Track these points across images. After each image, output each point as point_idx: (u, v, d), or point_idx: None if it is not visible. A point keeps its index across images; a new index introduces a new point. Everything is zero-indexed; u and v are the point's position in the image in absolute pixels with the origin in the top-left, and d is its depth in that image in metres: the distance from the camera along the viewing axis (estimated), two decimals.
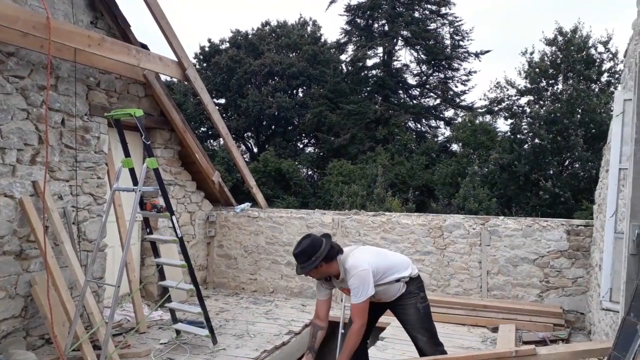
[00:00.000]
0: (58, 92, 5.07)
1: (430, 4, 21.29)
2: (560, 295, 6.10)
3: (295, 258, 3.44)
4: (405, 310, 3.55)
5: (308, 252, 3.37)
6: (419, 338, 3.52)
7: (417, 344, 3.55)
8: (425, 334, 3.51)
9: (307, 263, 3.35)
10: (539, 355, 2.99)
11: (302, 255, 3.38)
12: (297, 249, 3.43)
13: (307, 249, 3.37)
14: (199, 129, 21.53)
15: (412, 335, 3.57)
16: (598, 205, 5.61)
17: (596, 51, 15.93)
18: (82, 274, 4.69)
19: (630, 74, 4.06)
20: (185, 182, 7.29)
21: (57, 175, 5.03)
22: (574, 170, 15.44)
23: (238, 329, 5.70)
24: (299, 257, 3.40)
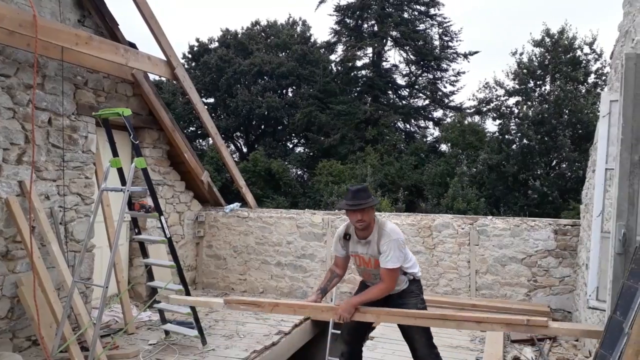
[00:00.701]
0: (45, 91, 5.01)
1: (419, 4, 21.40)
2: (548, 294, 6.16)
3: (352, 194, 3.36)
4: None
5: (367, 190, 3.40)
6: (417, 339, 3.46)
7: (413, 345, 3.50)
8: (423, 336, 3.47)
9: (370, 200, 3.33)
10: (550, 327, 3.03)
11: (362, 191, 3.36)
12: (357, 186, 3.43)
13: (366, 188, 3.41)
14: (187, 128, 21.42)
15: (409, 336, 3.51)
16: (585, 205, 5.67)
17: (582, 52, 16.12)
18: (70, 275, 4.65)
19: (616, 75, 4.11)
20: (174, 182, 7.24)
21: (44, 175, 4.98)
22: (562, 170, 15.60)
23: (227, 330, 5.68)
24: (359, 193, 3.35)
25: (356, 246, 3.52)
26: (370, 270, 3.51)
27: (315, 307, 3.50)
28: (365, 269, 3.54)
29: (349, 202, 3.35)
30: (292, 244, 7.26)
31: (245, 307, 3.58)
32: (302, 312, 3.44)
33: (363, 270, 3.58)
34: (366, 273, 3.56)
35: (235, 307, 3.56)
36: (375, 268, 3.46)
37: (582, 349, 5.07)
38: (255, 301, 3.56)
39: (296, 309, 3.56)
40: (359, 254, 3.52)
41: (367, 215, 3.36)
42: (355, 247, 3.53)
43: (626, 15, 3.94)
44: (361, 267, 3.56)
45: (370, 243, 3.44)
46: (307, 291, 7.17)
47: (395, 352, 4.91)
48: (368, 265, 3.50)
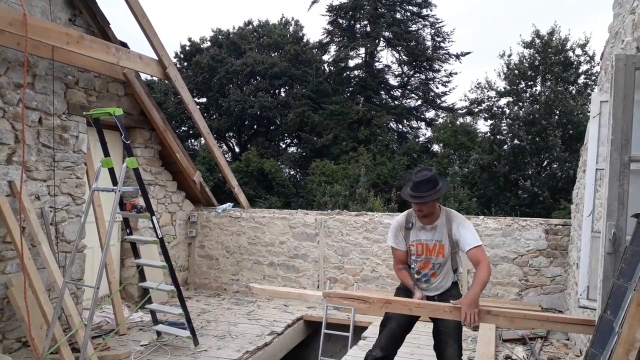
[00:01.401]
0: (35, 90, 4.97)
1: (411, 5, 21.44)
2: (539, 294, 6.20)
3: (417, 185, 3.18)
4: None
5: (433, 180, 3.20)
6: (451, 344, 3.30)
7: (444, 349, 3.32)
8: (457, 342, 3.31)
9: (433, 192, 3.15)
10: None
11: (428, 182, 3.17)
12: (422, 176, 3.20)
13: (433, 177, 3.21)
14: (179, 128, 21.33)
15: (443, 340, 3.34)
16: (575, 205, 5.71)
17: (574, 54, 16.26)
18: (60, 276, 4.61)
19: (606, 76, 4.15)
20: (166, 182, 7.21)
21: (34, 175, 4.94)
22: (552, 170, 15.71)
23: (220, 330, 5.66)
24: (424, 184, 3.17)
25: (419, 234, 3.36)
26: (432, 258, 3.36)
27: (436, 307, 3.14)
28: (426, 257, 3.37)
29: (412, 192, 3.21)
30: (284, 244, 7.25)
31: (348, 302, 3.23)
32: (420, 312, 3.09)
33: (423, 260, 3.39)
34: (426, 263, 3.38)
35: (337, 302, 3.23)
36: (437, 256, 3.34)
37: (573, 348, 5.11)
38: (362, 296, 3.18)
39: (412, 308, 3.10)
40: (422, 242, 3.35)
41: (427, 207, 3.23)
42: (418, 235, 3.37)
43: (616, 17, 3.97)
44: (422, 256, 3.37)
45: (437, 228, 3.32)
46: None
47: None
48: (431, 252, 3.35)
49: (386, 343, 3.41)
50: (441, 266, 3.40)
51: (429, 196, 3.18)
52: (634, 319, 1.99)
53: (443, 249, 3.33)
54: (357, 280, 6.84)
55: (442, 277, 3.44)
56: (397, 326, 3.42)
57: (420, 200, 3.19)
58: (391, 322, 3.43)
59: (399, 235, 3.43)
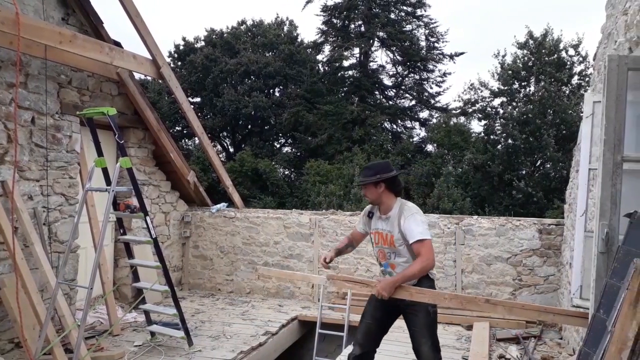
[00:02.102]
0: (28, 89, 4.94)
1: (406, 5, 21.47)
2: (533, 293, 6.23)
3: (361, 171, 3.57)
4: (416, 312, 3.43)
5: (375, 169, 3.48)
6: (424, 342, 3.40)
7: (419, 348, 3.43)
8: (430, 339, 3.41)
9: (368, 177, 3.42)
10: None
11: (369, 169, 3.51)
12: (368, 165, 3.62)
13: (376, 166, 3.52)
14: (173, 128, 21.26)
15: (416, 339, 3.45)
16: (569, 205, 5.75)
17: (567, 54, 16.34)
18: (53, 276, 4.58)
19: (599, 76, 4.17)
20: (160, 182, 7.19)
21: (26, 175, 4.91)
22: (546, 170, 15.77)
23: (214, 330, 5.65)
24: (366, 170, 3.51)
25: (377, 222, 3.54)
26: (385, 248, 3.49)
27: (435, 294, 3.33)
28: (382, 247, 3.51)
29: (360, 178, 3.51)
30: (279, 244, 7.25)
31: (351, 285, 3.46)
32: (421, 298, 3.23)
33: (379, 250, 3.54)
34: (382, 252, 3.53)
35: (340, 285, 3.46)
36: (390, 246, 3.45)
37: (566, 347, 5.14)
38: (365, 280, 3.42)
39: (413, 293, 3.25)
40: (379, 230, 3.52)
41: (370, 191, 3.45)
42: (376, 224, 3.55)
43: (609, 18, 3.99)
44: (378, 244, 3.53)
45: (390, 219, 3.46)
46: (294, 291, 7.17)
47: (381, 352, 4.91)
48: (385, 242, 3.49)
49: (363, 338, 3.51)
50: (396, 255, 3.45)
51: (365, 180, 3.44)
52: (627, 318, 2.00)
53: (392, 239, 3.43)
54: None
55: (401, 268, 3.43)
56: (372, 321, 3.51)
57: (360, 183, 3.54)
58: (366, 317, 3.54)
59: (362, 219, 3.72)
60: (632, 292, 2.00)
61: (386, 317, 3.55)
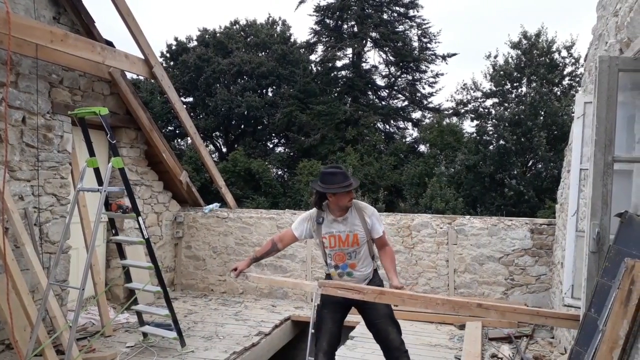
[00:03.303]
0: (19, 89, 4.90)
1: (398, 6, 21.54)
2: (525, 293, 6.26)
3: (332, 176, 3.38)
4: (375, 305, 3.45)
5: (346, 172, 3.44)
6: (391, 330, 3.46)
7: (387, 337, 3.47)
8: (395, 327, 3.48)
9: (351, 182, 3.38)
10: None
11: (343, 175, 3.39)
12: (334, 169, 3.44)
13: (344, 172, 3.44)
14: (166, 127, 21.19)
15: (382, 329, 3.48)
16: (560, 205, 5.78)
17: (559, 55, 16.45)
18: (45, 277, 4.55)
19: (590, 77, 4.20)
20: (152, 182, 7.15)
21: (17, 175, 4.87)
22: (537, 170, 15.89)
23: (207, 331, 5.63)
24: (338, 175, 3.37)
25: (331, 226, 3.48)
26: (346, 249, 3.47)
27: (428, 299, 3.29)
28: (340, 249, 3.48)
29: (342, 184, 3.35)
30: None
31: (343, 292, 3.32)
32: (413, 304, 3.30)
33: (337, 252, 3.49)
34: (339, 255, 3.49)
35: (332, 292, 3.34)
36: (352, 245, 3.45)
37: (558, 346, 5.17)
38: (356, 287, 3.30)
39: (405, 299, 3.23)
40: (335, 234, 3.47)
41: (348, 196, 3.43)
42: (329, 228, 3.48)
43: (600, 19, 4.03)
44: (335, 248, 3.48)
45: (348, 219, 3.46)
46: (287, 291, 7.16)
47: (375, 352, 4.92)
48: (345, 244, 3.46)
49: (328, 344, 3.52)
50: (357, 254, 3.49)
51: (352, 184, 3.39)
52: (618, 317, 2.02)
53: (357, 238, 3.46)
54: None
55: (362, 265, 3.53)
56: (332, 324, 3.54)
57: (348, 189, 3.37)
58: (326, 322, 3.53)
59: (306, 224, 3.58)
60: (623, 291, 2.02)
61: (344, 315, 3.61)
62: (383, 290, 3.31)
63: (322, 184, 3.40)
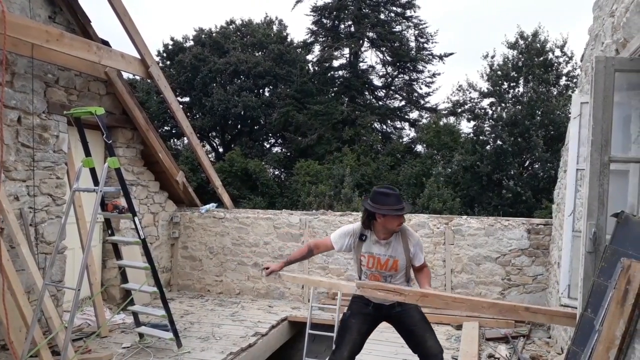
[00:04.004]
0: (14, 88, 4.88)
1: (395, 6, 21.55)
2: (522, 293, 6.27)
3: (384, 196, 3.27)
4: (409, 312, 3.41)
5: (399, 197, 3.33)
6: (428, 336, 3.38)
7: (424, 343, 3.37)
8: (431, 332, 3.42)
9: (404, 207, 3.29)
10: None
11: (396, 197, 3.29)
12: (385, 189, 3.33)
13: (398, 194, 3.34)
14: (162, 127, 21.14)
15: (420, 336, 3.40)
16: (557, 205, 5.79)
17: (553, 55, 16.48)
18: (40, 277, 4.53)
19: (586, 77, 4.21)
20: (148, 182, 7.13)
21: (13, 175, 4.84)
22: (534, 170, 15.92)
23: (203, 332, 5.62)
24: (392, 197, 3.27)
25: (372, 247, 3.38)
26: (383, 272, 3.39)
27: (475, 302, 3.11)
28: (377, 270, 3.40)
29: (394, 206, 3.25)
30: (269, 244, 7.23)
31: (383, 294, 3.17)
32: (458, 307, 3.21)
33: (372, 273, 3.41)
34: (375, 276, 3.41)
35: (371, 293, 3.21)
36: (389, 270, 3.37)
37: (555, 346, 5.18)
38: (397, 289, 3.14)
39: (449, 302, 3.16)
40: (374, 255, 3.37)
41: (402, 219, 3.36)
42: (370, 248, 3.38)
43: (596, 19, 4.03)
44: (372, 269, 3.39)
45: (391, 244, 3.36)
46: (284, 292, 7.15)
47: (372, 352, 4.93)
48: (383, 267, 3.38)
49: (349, 353, 3.39)
50: (393, 278, 3.42)
51: (405, 209, 3.30)
52: (614, 317, 2.02)
53: (397, 264, 3.37)
54: (342, 280, 6.84)
55: None
56: (357, 335, 3.43)
57: (403, 212, 3.28)
58: (351, 332, 3.43)
59: (347, 239, 3.46)
60: (620, 291, 2.02)
61: (371, 329, 3.51)
62: (425, 292, 3.17)
63: (372, 203, 3.28)
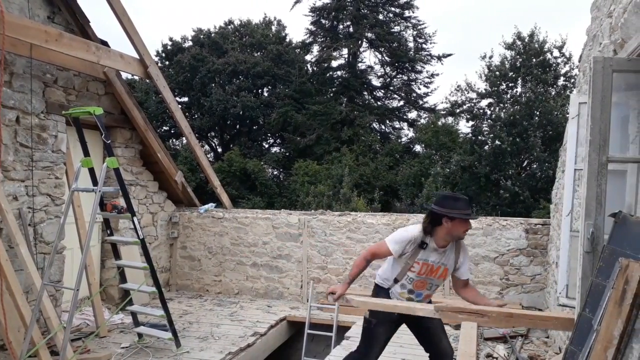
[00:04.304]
0: (13, 88, 4.88)
1: (394, 7, 21.56)
2: (520, 292, 6.28)
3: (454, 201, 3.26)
4: None
5: (468, 203, 3.31)
6: (443, 337, 3.44)
7: (439, 343, 3.42)
8: (446, 335, 3.47)
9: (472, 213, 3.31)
10: None
11: (465, 202, 3.27)
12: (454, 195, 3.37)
13: (467, 200, 3.33)
14: (161, 127, 21.13)
15: (436, 335, 3.42)
16: (555, 205, 5.80)
17: (552, 55, 16.51)
18: (39, 278, 4.52)
19: (585, 78, 4.22)
20: (147, 182, 7.13)
21: (11, 175, 4.84)
22: (532, 170, 15.92)
23: (202, 332, 5.62)
24: (461, 201, 3.25)
25: (430, 254, 3.32)
26: (431, 279, 3.37)
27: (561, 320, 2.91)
28: (426, 277, 3.36)
29: (464, 210, 3.20)
30: (268, 244, 7.23)
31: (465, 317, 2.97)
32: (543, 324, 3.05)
33: (422, 280, 3.37)
34: (422, 282, 3.37)
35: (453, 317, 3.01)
36: (439, 278, 3.37)
37: (553, 346, 5.19)
38: (480, 310, 2.94)
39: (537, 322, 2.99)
40: (429, 262, 3.32)
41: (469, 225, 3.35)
42: (428, 256, 3.32)
43: (594, 20, 4.04)
44: (422, 275, 3.34)
45: (446, 252, 3.34)
46: (282, 292, 7.15)
47: None
48: (433, 274, 3.35)
49: (375, 357, 3.44)
50: (436, 287, 3.47)
51: (473, 214, 3.33)
52: (612, 316, 2.02)
53: (446, 272, 3.38)
54: (341, 281, 6.85)
55: (430, 299, 3.51)
56: (384, 341, 3.46)
57: (472, 217, 3.29)
58: (379, 340, 3.43)
59: (408, 246, 3.32)
60: (618, 291, 2.03)
61: (394, 333, 3.55)
62: (510, 311, 2.98)
63: (440, 207, 3.22)
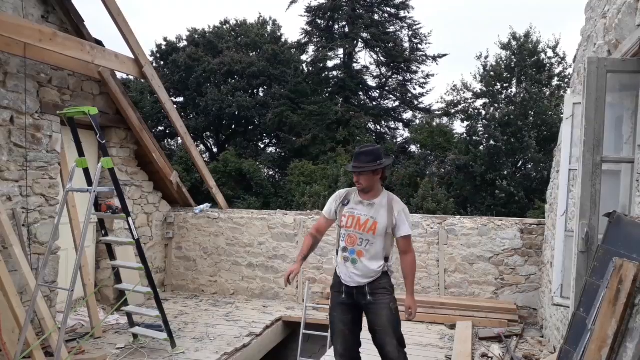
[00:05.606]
0: (6, 88, 4.85)
1: (389, 7, 21.58)
2: (515, 292, 6.30)
3: (357, 156, 3.29)
4: (377, 310, 3.30)
5: (375, 154, 3.29)
6: (389, 342, 3.27)
7: (384, 348, 3.30)
8: (395, 337, 3.29)
9: (372, 164, 3.24)
10: None
11: (368, 154, 3.27)
12: (364, 148, 3.33)
13: (375, 151, 3.31)
14: (156, 127, 21.05)
15: (380, 338, 3.31)
16: (549, 205, 5.83)
17: (546, 56, 16.58)
18: (33, 278, 4.51)
19: (579, 78, 4.24)
20: (142, 183, 7.11)
21: (5, 176, 4.82)
22: (527, 170, 15.97)
23: (198, 332, 5.61)
24: (364, 155, 3.26)
25: (355, 207, 3.36)
26: (359, 234, 3.31)
27: None
28: (355, 232, 3.32)
29: (358, 164, 3.26)
30: (263, 244, 7.22)
31: None
32: None
33: (349, 234, 3.34)
34: (352, 237, 3.33)
35: None
36: (368, 232, 3.29)
37: (547, 345, 5.21)
38: None
39: None
40: (355, 214, 3.33)
41: (367, 178, 3.28)
42: (353, 209, 3.36)
43: (588, 21, 4.06)
44: (350, 228, 3.32)
45: (374, 205, 3.32)
46: (278, 292, 7.15)
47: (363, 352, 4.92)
48: (361, 227, 3.30)
49: (342, 347, 3.42)
50: (369, 244, 3.31)
51: (366, 167, 3.25)
52: (606, 316, 2.03)
53: (376, 226, 3.29)
54: None
55: (369, 258, 3.31)
56: (343, 326, 3.42)
57: (358, 170, 3.26)
58: (336, 324, 3.45)
59: (333, 205, 3.50)
60: (612, 291, 2.04)
61: (356, 317, 3.46)
62: None
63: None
